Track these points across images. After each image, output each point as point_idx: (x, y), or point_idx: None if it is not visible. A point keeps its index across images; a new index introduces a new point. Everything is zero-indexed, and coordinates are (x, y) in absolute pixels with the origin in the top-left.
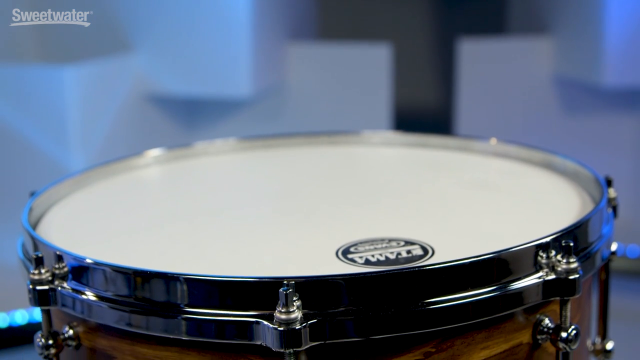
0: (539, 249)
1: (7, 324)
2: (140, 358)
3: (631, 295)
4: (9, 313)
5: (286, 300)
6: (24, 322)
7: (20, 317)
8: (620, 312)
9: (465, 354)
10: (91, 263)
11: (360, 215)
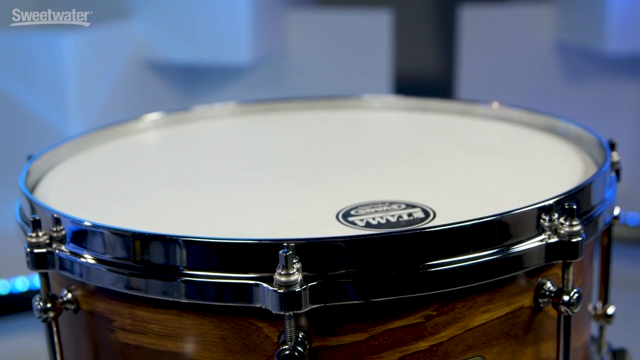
0: (541, 211)
1: (7, 290)
2: (138, 321)
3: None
4: (9, 280)
5: (286, 262)
6: (25, 289)
7: (20, 284)
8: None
9: (467, 317)
10: (89, 226)
11: (360, 179)
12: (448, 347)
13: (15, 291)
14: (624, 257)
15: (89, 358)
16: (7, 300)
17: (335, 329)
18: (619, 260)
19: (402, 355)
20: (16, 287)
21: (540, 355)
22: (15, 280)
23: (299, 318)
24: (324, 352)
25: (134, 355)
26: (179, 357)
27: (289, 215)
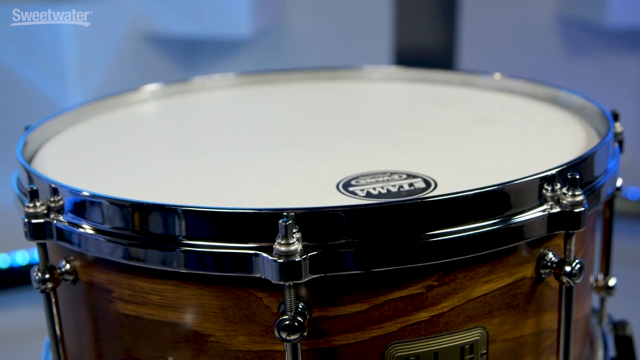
0: (543, 181)
1: (7, 264)
2: (137, 291)
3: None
4: (9, 253)
5: (286, 231)
6: (25, 263)
7: (20, 257)
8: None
9: (468, 288)
10: (87, 196)
11: (361, 150)
12: (449, 317)
13: (16, 265)
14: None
15: (87, 329)
16: (7, 273)
17: (335, 300)
18: (618, 234)
19: (403, 326)
20: (16, 260)
21: (542, 327)
22: (16, 254)
23: (299, 288)
24: (324, 322)
25: (133, 325)
26: (178, 327)
27: (288, 185)
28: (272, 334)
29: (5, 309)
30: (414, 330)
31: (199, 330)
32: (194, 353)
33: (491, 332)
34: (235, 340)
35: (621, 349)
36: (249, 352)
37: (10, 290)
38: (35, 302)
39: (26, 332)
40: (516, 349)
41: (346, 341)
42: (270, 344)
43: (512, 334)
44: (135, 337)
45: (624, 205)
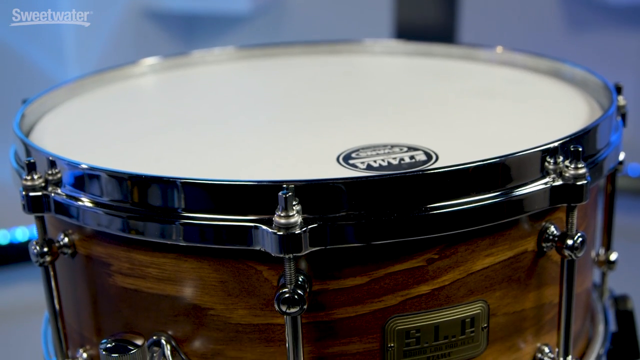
0: (546, 154)
1: (7, 240)
2: (136, 265)
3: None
4: (9, 230)
5: (285, 204)
6: (25, 239)
7: (20, 234)
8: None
9: (469, 261)
10: (86, 168)
11: (361, 123)
12: (450, 291)
13: (16, 241)
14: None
15: (86, 303)
16: (7, 250)
17: (335, 273)
18: (619, 211)
19: (404, 299)
20: (16, 237)
21: (543, 300)
22: (16, 230)
23: (299, 261)
24: (324, 295)
25: (132, 299)
26: (178, 301)
27: (288, 158)
28: (272, 307)
29: (5, 285)
30: (415, 304)
31: (198, 304)
32: (193, 326)
33: (492, 306)
34: (234, 313)
35: (622, 323)
36: (248, 326)
37: (10, 267)
38: (35, 278)
39: (26, 308)
40: (517, 322)
41: (346, 314)
42: (270, 317)
43: (513, 307)
44: (134, 311)
45: (625, 181)
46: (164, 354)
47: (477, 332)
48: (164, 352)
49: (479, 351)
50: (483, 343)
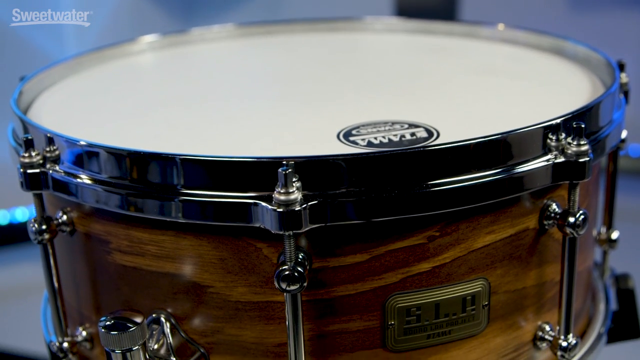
0: (548, 130)
1: (7, 221)
2: (135, 242)
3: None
4: (9, 210)
5: (285, 180)
6: (24, 219)
7: (20, 214)
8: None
9: (470, 238)
10: (84, 145)
11: (362, 100)
12: (451, 268)
13: (15, 221)
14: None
15: (85, 280)
16: (6, 230)
17: (336, 250)
18: (619, 191)
19: (404, 277)
20: (16, 217)
21: (544, 278)
22: (15, 211)
23: (299, 238)
24: (324, 273)
25: (131, 277)
26: (177, 278)
27: (288, 135)
28: (272, 285)
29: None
30: (415, 281)
31: (197, 281)
32: (192, 304)
33: (493, 284)
34: (234, 291)
35: (623, 302)
36: (248, 303)
37: (10, 247)
38: (35, 258)
39: (25, 288)
40: (518, 300)
41: (347, 292)
42: (270, 295)
43: (514, 285)
44: (133, 289)
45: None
46: (164, 332)
47: (477, 310)
48: (164, 330)
49: (480, 329)
50: (484, 321)
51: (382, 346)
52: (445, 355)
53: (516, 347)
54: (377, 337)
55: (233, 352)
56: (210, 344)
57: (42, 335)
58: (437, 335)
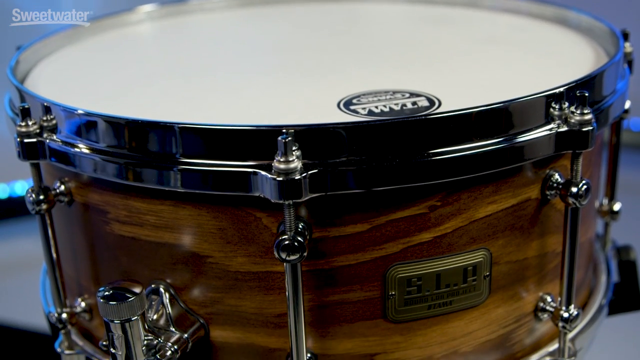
0: (551, 99)
1: (7, 194)
2: (134, 212)
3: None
4: (9, 184)
5: (285, 149)
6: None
7: (20, 187)
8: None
9: (472, 208)
10: (82, 114)
11: (363, 69)
12: (452, 238)
13: (15, 195)
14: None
15: (84, 251)
16: (6, 204)
17: (336, 220)
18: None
19: (405, 247)
20: (15, 191)
21: (546, 249)
22: (15, 184)
23: (299, 208)
24: (324, 243)
25: (130, 247)
26: (176, 248)
27: (288, 104)
28: (272, 255)
29: (5, 239)
30: (416, 252)
31: (196, 252)
32: (192, 274)
33: (495, 254)
34: (234, 261)
35: (624, 274)
36: (247, 273)
37: (10, 221)
38: (34, 231)
39: (25, 262)
40: (519, 271)
41: (347, 262)
42: (269, 265)
43: (515, 256)
44: (132, 259)
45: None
46: (163, 303)
47: (479, 281)
48: (163, 301)
49: (481, 300)
50: (485, 292)
51: (383, 317)
52: (446, 326)
53: (517, 318)
54: (378, 307)
55: (232, 323)
56: (209, 315)
57: (41, 308)
58: (438, 306)
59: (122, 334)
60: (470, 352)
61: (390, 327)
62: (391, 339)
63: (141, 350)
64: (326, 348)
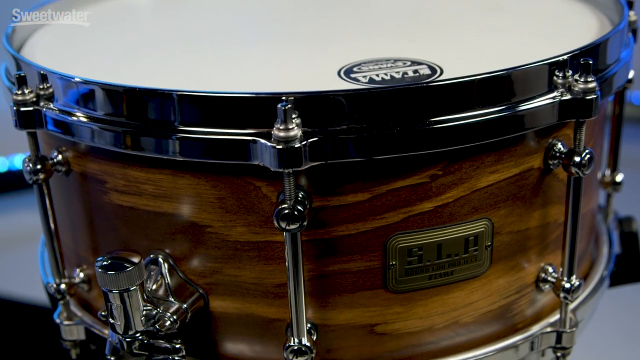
0: (554, 67)
1: (6, 168)
2: (132, 182)
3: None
4: (8, 157)
5: (285, 116)
6: None
7: (19, 161)
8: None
9: (474, 178)
10: (79, 82)
11: (364, 38)
12: (453, 208)
13: (14, 168)
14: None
15: (82, 221)
16: (5, 177)
17: (336, 189)
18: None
19: (406, 216)
20: (15, 164)
21: (548, 219)
22: (14, 158)
23: (299, 177)
24: (324, 212)
25: (128, 217)
26: (175, 218)
27: (288, 72)
28: (271, 224)
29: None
30: (417, 221)
31: (195, 221)
32: (191, 244)
33: (496, 224)
34: (233, 231)
35: (626, 245)
36: (247, 243)
37: (9, 194)
38: (34, 205)
39: (25, 235)
40: (521, 241)
41: (347, 232)
42: (269, 235)
43: (517, 226)
44: (130, 229)
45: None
46: (162, 273)
47: (480, 251)
48: (162, 271)
49: (482, 270)
50: (486, 262)
51: (383, 287)
52: (446, 296)
53: (519, 288)
54: (378, 277)
55: (232, 293)
56: (209, 285)
57: (41, 280)
58: (438, 276)
59: (121, 304)
60: (471, 322)
61: (390, 298)
62: (392, 309)
63: (140, 320)
64: (326, 318)
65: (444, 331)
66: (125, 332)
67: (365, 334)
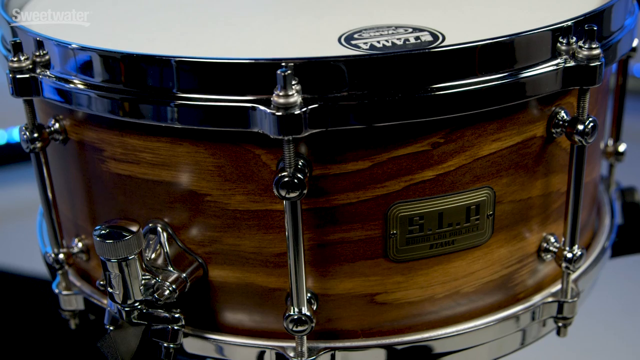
0: (558, 33)
1: (5, 140)
2: (130, 150)
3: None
4: (6, 130)
5: (284, 82)
6: None
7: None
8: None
9: (475, 146)
10: (76, 48)
11: (365, 5)
12: (455, 176)
13: (13, 141)
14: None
15: (80, 190)
16: (4, 150)
17: (337, 157)
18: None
19: (407, 185)
20: (13, 137)
21: (550, 188)
22: (13, 131)
23: (299, 145)
24: (325, 180)
25: (126, 185)
26: (173, 187)
27: (288, 39)
28: (271, 193)
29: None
30: (419, 190)
31: (194, 190)
32: (190, 213)
33: (498, 193)
34: (232, 199)
35: (629, 216)
36: (246, 212)
37: (8, 167)
38: (32, 177)
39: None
40: (523, 210)
41: (348, 200)
42: (269, 203)
43: (519, 195)
44: (128, 198)
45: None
46: (160, 242)
47: (482, 220)
48: (160, 240)
49: (484, 239)
50: (488, 231)
51: (384, 256)
52: (448, 265)
53: (520, 258)
54: (379, 246)
55: (231, 262)
56: (208, 254)
57: (40, 252)
58: (440, 245)
59: (119, 273)
60: (472, 292)
61: (391, 267)
62: (392, 279)
63: (139, 289)
64: (326, 288)
65: (445, 301)
66: (124, 302)
67: (365, 304)
